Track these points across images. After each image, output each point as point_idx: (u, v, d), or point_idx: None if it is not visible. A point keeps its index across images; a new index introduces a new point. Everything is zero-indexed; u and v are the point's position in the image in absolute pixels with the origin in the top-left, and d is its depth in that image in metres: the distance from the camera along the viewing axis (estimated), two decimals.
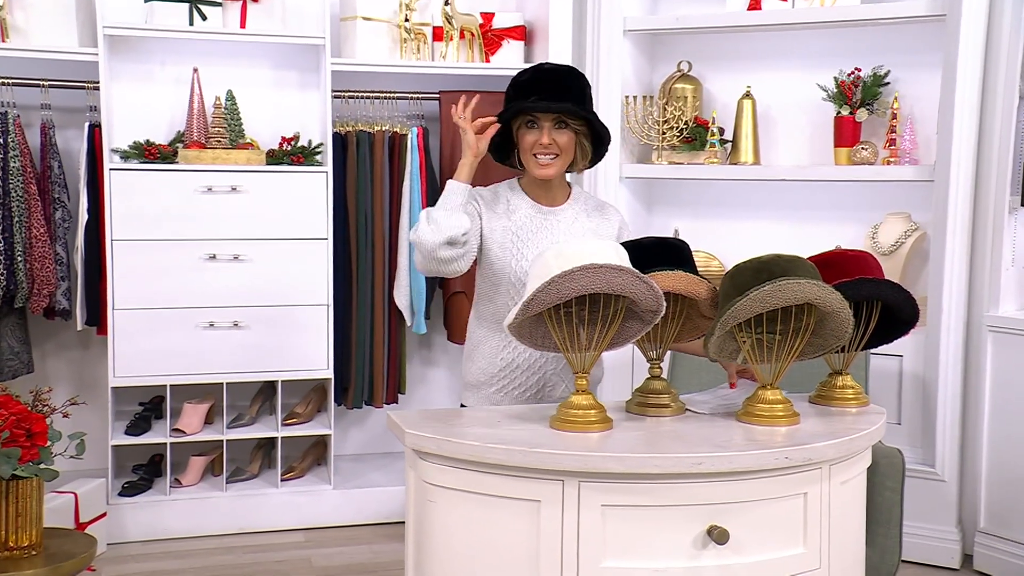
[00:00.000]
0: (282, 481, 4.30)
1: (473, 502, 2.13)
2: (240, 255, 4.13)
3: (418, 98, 4.50)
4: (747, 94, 4.34)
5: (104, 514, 3.98)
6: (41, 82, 4.08)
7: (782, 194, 4.40)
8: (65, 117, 4.22)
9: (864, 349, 2.60)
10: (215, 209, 4.09)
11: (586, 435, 2.19)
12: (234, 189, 4.11)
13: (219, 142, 4.15)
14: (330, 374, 4.28)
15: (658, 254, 2.40)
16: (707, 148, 4.38)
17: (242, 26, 4.19)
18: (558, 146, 2.61)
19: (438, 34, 4.43)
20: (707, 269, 4.31)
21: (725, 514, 2.08)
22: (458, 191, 2.58)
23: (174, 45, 4.31)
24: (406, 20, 4.33)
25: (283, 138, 4.31)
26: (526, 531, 2.08)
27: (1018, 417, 3.78)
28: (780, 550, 2.14)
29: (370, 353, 4.44)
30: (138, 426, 4.20)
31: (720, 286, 2.36)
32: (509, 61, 4.45)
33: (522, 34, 4.51)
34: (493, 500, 2.11)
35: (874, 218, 4.23)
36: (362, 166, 4.37)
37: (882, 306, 2.52)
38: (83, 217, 4.07)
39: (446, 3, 4.35)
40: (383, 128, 4.43)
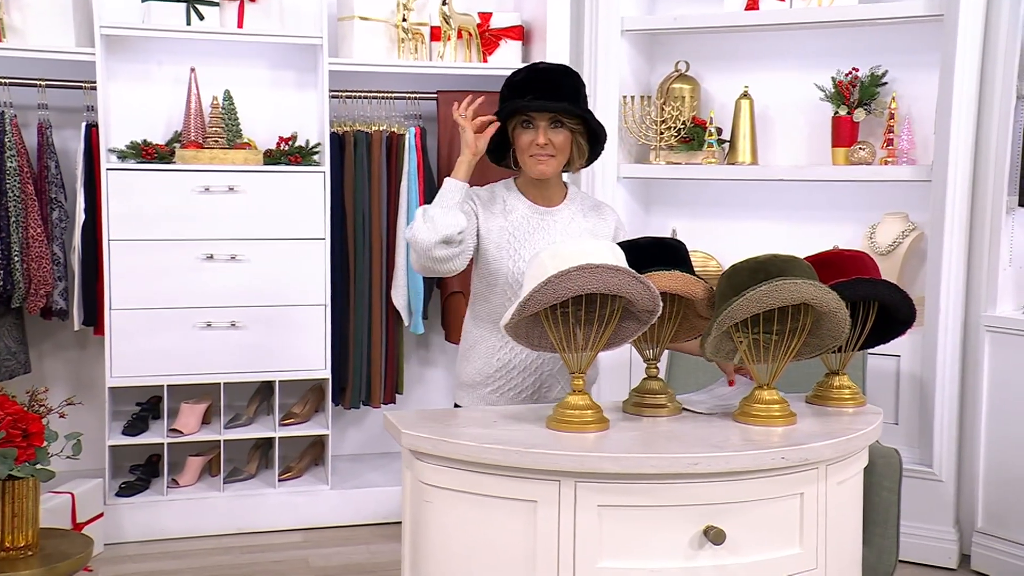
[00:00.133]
0: (279, 481, 4.30)
1: (469, 502, 2.13)
2: (237, 255, 4.13)
3: (416, 98, 4.50)
4: (745, 94, 4.34)
5: (101, 514, 3.98)
6: (38, 82, 4.07)
7: (780, 194, 4.40)
8: (62, 117, 4.21)
9: (861, 349, 2.60)
10: (212, 209, 4.09)
11: (582, 435, 2.19)
12: (231, 189, 4.10)
13: (216, 142, 4.15)
14: (328, 374, 4.27)
15: (655, 254, 2.40)
16: (705, 148, 4.38)
17: (239, 26, 4.19)
18: (554, 145, 2.61)
19: (436, 34, 4.43)
20: (705, 269, 4.30)
21: (722, 514, 2.08)
22: (455, 189, 2.57)
23: (171, 45, 4.30)
24: (403, 20, 4.33)
25: (280, 138, 4.30)
26: (522, 531, 2.08)
27: (1016, 417, 3.77)
28: (777, 550, 2.14)
29: (368, 353, 4.43)
30: (135, 426, 4.20)
31: (717, 286, 2.36)
32: (507, 61, 4.45)
33: (520, 34, 4.50)
34: (489, 500, 2.11)
35: (871, 218, 4.23)
36: (359, 166, 4.37)
37: (879, 306, 2.52)
38: (80, 217, 4.06)
39: (444, 3, 4.35)
40: (380, 128, 4.42)
